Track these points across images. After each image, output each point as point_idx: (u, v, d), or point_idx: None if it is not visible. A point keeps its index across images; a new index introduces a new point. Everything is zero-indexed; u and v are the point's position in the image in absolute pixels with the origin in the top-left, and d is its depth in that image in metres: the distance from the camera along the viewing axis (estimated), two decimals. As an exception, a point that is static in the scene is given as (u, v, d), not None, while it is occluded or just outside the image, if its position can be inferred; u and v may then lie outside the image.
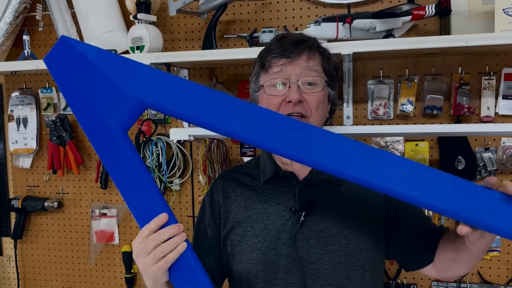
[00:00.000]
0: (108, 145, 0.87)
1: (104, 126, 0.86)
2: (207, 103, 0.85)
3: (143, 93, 0.86)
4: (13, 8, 1.78)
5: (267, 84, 1.07)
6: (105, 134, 0.87)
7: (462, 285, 1.57)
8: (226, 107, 0.84)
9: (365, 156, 0.80)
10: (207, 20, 1.61)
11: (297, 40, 1.05)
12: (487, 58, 1.51)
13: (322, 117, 1.08)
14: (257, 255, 1.04)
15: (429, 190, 0.77)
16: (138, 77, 0.87)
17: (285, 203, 1.07)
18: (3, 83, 2.00)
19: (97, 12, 1.73)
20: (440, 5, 1.35)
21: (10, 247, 2.03)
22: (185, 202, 1.82)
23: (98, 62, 0.87)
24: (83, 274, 1.97)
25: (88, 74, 0.87)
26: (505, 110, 1.51)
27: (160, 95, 0.86)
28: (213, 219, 1.13)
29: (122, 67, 0.88)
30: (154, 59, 1.52)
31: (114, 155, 0.87)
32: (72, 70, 0.88)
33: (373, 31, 1.39)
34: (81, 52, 0.88)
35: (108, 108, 0.86)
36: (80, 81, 0.88)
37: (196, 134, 1.62)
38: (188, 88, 0.86)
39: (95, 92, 0.87)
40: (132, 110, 0.87)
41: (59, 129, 1.86)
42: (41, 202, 1.92)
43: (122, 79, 0.87)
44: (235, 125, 0.83)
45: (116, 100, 0.86)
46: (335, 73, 1.11)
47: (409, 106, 1.55)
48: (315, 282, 1.01)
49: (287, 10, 1.65)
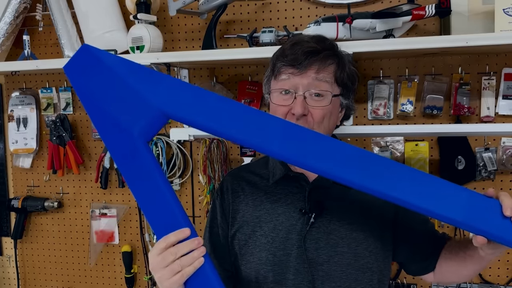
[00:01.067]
0: (128, 155, 0.86)
1: (125, 136, 0.85)
2: (230, 115, 0.84)
3: (166, 104, 0.85)
4: (13, 8, 1.78)
5: (274, 91, 1.06)
6: (126, 144, 0.86)
7: (462, 285, 1.57)
8: (249, 119, 0.84)
9: (380, 167, 0.81)
10: (207, 20, 1.61)
11: (309, 52, 1.01)
12: (487, 58, 1.51)
13: (328, 128, 1.06)
14: (266, 255, 1.04)
15: (445, 202, 0.79)
16: (161, 87, 0.86)
17: (294, 204, 1.06)
18: (3, 83, 2.00)
19: (97, 12, 1.73)
20: (440, 5, 1.34)
21: (10, 247, 2.03)
22: (185, 202, 1.81)
23: (121, 72, 0.87)
24: (83, 274, 1.97)
25: (110, 84, 0.86)
26: (505, 110, 1.51)
27: (184, 106, 0.85)
28: (224, 219, 1.13)
29: (145, 77, 0.87)
30: (154, 59, 1.52)
31: (134, 165, 0.86)
32: (93, 79, 0.87)
33: (373, 31, 1.39)
34: (103, 61, 0.87)
35: (130, 118, 0.85)
36: (101, 90, 0.87)
37: (196, 134, 1.62)
38: (211, 100, 0.85)
39: (117, 102, 0.86)
40: (154, 121, 0.86)
41: (59, 129, 1.86)
42: (41, 202, 1.92)
43: (145, 89, 0.86)
44: (260, 138, 0.83)
45: (139, 110, 0.85)
46: (350, 83, 1.07)
47: (409, 106, 1.55)
48: (324, 283, 1.01)
49: (287, 10, 1.65)
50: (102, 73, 0.87)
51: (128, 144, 0.85)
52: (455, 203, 0.78)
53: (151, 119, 0.86)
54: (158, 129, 0.88)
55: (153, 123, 0.86)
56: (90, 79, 0.87)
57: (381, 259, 1.06)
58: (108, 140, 0.87)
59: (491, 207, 0.78)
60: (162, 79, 0.87)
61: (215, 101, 0.86)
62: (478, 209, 0.78)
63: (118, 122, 0.86)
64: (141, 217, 1.84)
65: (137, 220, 1.86)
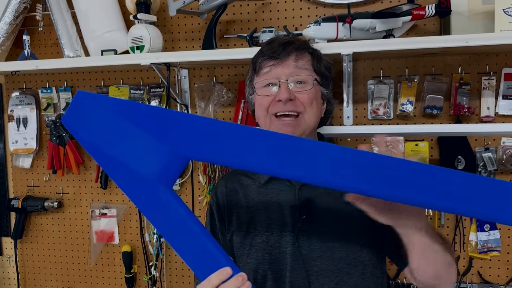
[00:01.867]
0: (154, 204, 0.79)
1: (146, 185, 0.78)
2: (259, 146, 0.76)
3: (183, 146, 0.77)
4: (13, 8, 1.78)
5: (258, 85, 1.10)
6: (149, 193, 0.78)
7: (462, 285, 1.57)
8: (270, 147, 0.75)
9: (362, 162, 0.74)
10: (207, 20, 1.61)
11: (285, 42, 1.08)
12: (487, 58, 1.51)
13: (317, 113, 1.10)
14: (262, 254, 1.06)
15: (438, 191, 0.71)
16: (174, 127, 0.77)
17: (286, 202, 1.08)
18: (3, 83, 2.00)
19: (97, 12, 1.73)
20: (440, 5, 1.34)
21: (10, 247, 2.03)
22: (185, 202, 1.81)
23: (125, 115, 0.78)
24: (83, 274, 1.97)
25: (117, 130, 0.78)
26: (505, 110, 1.51)
27: (202, 145, 0.77)
28: (222, 223, 1.15)
29: (153, 118, 0.78)
30: (154, 59, 1.52)
31: (163, 214, 0.79)
32: (96, 128, 0.79)
33: (373, 31, 1.39)
34: (103, 106, 0.79)
35: (147, 166, 0.77)
36: (109, 138, 0.78)
37: (196, 134, 1.62)
38: (229, 132, 0.77)
39: (128, 149, 0.78)
40: (173, 164, 0.78)
41: (59, 129, 1.86)
42: (41, 202, 1.92)
43: (156, 131, 0.77)
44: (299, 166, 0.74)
45: (154, 155, 0.77)
46: (328, 72, 1.13)
47: (409, 106, 1.55)
48: (318, 278, 1.03)
49: (287, 10, 1.65)
50: (105, 119, 0.78)
51: (151, 193, 0.78)
52: (449, 189, 0.71)
53: (170, 163, 0.78)
54: (179, 171, 0.81)
55: (173, 166, 0.79)
56: (93, 128, 0.79)
57: (373, 252, 1.06)
58: (129, 191, 0.80)
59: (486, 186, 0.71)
60: (173, 116, 0.79)
61: (234, 132, 0.77)
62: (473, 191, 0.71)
63: (134, 171, 0.78)
64: (141, 217, 1.84)
65: (137, 220, 1.86)
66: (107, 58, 1.62)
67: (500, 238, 1.54)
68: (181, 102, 1.73)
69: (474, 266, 1.57)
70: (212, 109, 1.71)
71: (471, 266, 1.57)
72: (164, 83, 1.75)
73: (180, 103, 1.73)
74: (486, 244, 1.54)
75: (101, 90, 1.87)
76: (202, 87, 1.74)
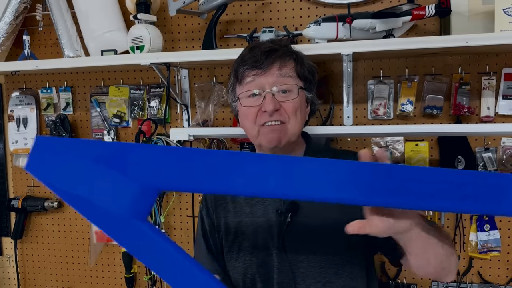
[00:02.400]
0: (132, 239, 0.79)
1: (121, 222, 0.78)
2: (230, 169, 0.75)
3: (150, 178, 0.77)
4: (13, 8, 1.78)
5: (242, 96, 1.09)
6: (126, 229, 0.78)
7: (462, 285, 1.57)
8: (242, 166, 0.74)
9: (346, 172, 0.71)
10: (207, 20, 1.61)
11: (268, 50, 1.06)
12: (487, 58, 1.51)
13: (301, 121, 1.09)
14: (250, 258, 1.07)
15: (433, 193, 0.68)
16: (139, 160, 0.77)
17: (272, 205, 1.08)
18: (3, 83, 2.00)
19: (97, 12, 1.72)
20: (440, 5, 1.34)
21: (10, 247, 2.03)
22: (185, 202, 1.81)
23: (88, 155, 0.77)
24: (83, 274, 1.97)
25: (82, 171, 0.77)
26: (505, 110, 1.51)
27: (173, 175, 0.76)
28: (213, 228, 1.16)
29: (116, 154, 0.78)
30: (154, 59, 1.52)
31: (142, 247, 0.79)
32: (62, 172, 0.78)
33: (373, 31, 1.39)
34: (67, 150, 0.78)
35: (119, 203, 0.77)
36: (75, 180, 0.78)
37: (196, 134, 1.63)
38: (199, 158, 0.76)
39: (96, 189, 0.77)
40: (145, 198, 0.78)
41: (59, 129, 1.86)
42: (41, 202, 1.92)
43: (121, 167, 0.77)
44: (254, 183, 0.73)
45: (125, 192, 0.77)
46: (311, 76, 1.12)
47: (409, 106, 1.55)
48: (305, 280, 1.03)
49: (287, 10, 1.65)
50: (69, 161, 0.77)
51: (127, 229, 0.78)
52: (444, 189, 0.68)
53: (140, 197, 0.78)
54: (151, 203, 0.80)
55: (144, 200, 0.78)
56: (58, 172, 0.78)
57: (361, 252, 1.06)
58: (107, 230, 0.80)
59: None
60: (137, 150, 0.78)
61: (204, 157, 0.76)
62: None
63: (106, 210, 0.78)
64: (141, 217, 1.84)
65: (137, 220, 1.86)
66: (107, 58, 1.62)
67: (500, 238, 1.54)
68: (181, 102, 1.72)
69: (474, 266, 1.57)
70: (212, 109, 1.71)
71: (471, 266, 1.57)
72: (164, 83, 1.75)
73: (180, 103, 1.73)
74: (486, 244, 1.54)
75: (101, 90, 1.87)
76: (202, 87, 1.74)
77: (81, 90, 1.91)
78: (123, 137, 1.87)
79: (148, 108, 1.81)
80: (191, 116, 1.74)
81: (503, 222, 1.55)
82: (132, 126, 1.85)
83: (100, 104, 1.87)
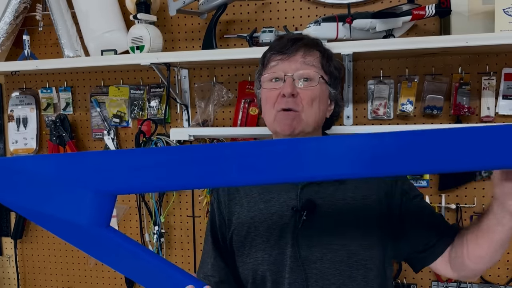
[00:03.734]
0: (99, 246, 0.81)
1: (85, 231, 0.79)
2: (177, 165, 0.75)
3: (104, 184, 0.77)
4: (13, 8, 1.78)
5: (264, 79, 1.09)
6: (90, 238, 0.80)
7: (462, 285, 1.57)
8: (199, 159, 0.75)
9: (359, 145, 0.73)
10: (207, 20, 1.61)
11: (295, 38, 1.08)
12: (487, 58, 1.51)
13: (318, 113, 1.07)
14: (262, 255, 1.05)
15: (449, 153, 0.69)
16: (89, 168, 0.77)
17: (287, 202, 1.06)
18: (3, 83, 2.00)
19: (97, 12, 1.73)
20: (440, 5, 1.35)
21: (10, 247, 2.03)
22: (185, 202, 1.81)
23: (39, 170, 0.78)
24: (83, 274, 1.97)
25: (36, 187, 0.77)
26: (505, 110, 1.51)
27: (124, 177, 0.77)
28: (223, 222, 1.14)
29: (67, 165, 0.78)
30: (154, 59, 1.52)
31: (110, 252, 0.81)
32: (18, 190, 0.78)
33: (373, 31, 1.39)
34: (16, 168, 0.78)
35: (76, 213, 0.77)
36: (32, 197, 0.78)
37: (196, 134, 1.63)
38: (148, 157, 0.77)
39: (55, 202, 0.77)
40: (103, 204, 0.79)
41: (59, 129, 1.86)
42: (41, 202, 1.92)
43: (73, 178, 0.77)
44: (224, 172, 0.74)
45: (79, 201, 0.77)
46: (337, 72, 1.11)
47: (409, 106, 1.55)
48: (318, 281, 1.01)
49: (287, 10, 1.65)
50: (22, 179, 0.77)
51: (92, 237, 0.80)
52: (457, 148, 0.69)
53: (99, 205, 0.78)
54: (111, 208, 0.81)
55: (103, 207, 0.79)
56: (15, 191, 0.78)
57: (376, 255, 1.04)
58: (73, 241, 0.81)
59: None
60: (86, 158, 0.79)
61: (154, 156, 0.77)
62: None
63: (68, 222, 0.78)
64: (141, 217, 1.84)
65: (137, 220, 1.85)
66: (107, 58, 1.62)
67: (500, 238, 1.54)
68: (181, 102, 1.73)
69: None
70: (212, 109, 1.71)
71: (471, 266, 1.57)
72: (164, 83, 1.75)
73: (180, 103, 1.73)
74: (486, 244, 1.54)
75: (101, 90, 1.87)
76: (202, 87, 1.74)
77: (81, 90, 1.91)
78: (123, 137, 1.87)
79: (148, 108, 1.81)
80: (191, 116, 1.74)
81: (503, 222, 1.55)
82: (132, 126, 1.85)
83: (100, 104, 1.87)
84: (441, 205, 1.56)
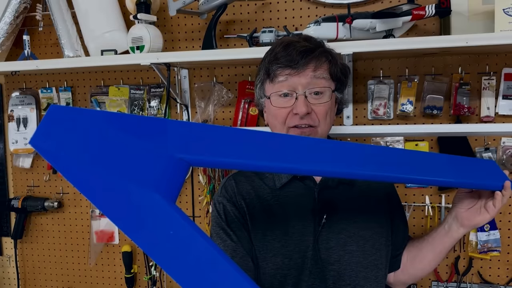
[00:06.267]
0: (158, 229, 0.64)
1: (150, 205, 0.65)
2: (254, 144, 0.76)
3: (182, 150, 0.69)
4: (13, 8, 1.78)
5: (273, 96, 1.05)
6: (156, 214, 0.65)
7: (462, 285, 1.57)
8: (263, 143, 0.77)
9: (366, 154, 0.85)
10: (207, 20, 1.61)
11: (304, 51, 1.02)
12: (487, 58, 1.51)
13: (330, 124, 1.08)
14: (282, 259, 1.03)
15: (436, 171, 0.89)
16: (167, 133, 0.69)
17: (305, 205, 1.05)
18: (3, 83, 2.00)
19: (97, 12, 1.73)
20: (440, 5, 1.34)
21: (10, 247, 2.03)
22: (185, 202, 1.81)
23: (113, 127, 0.67)
24: (83, 274, 1.97)
25: (102, 147, 0.66)
26: (505, 110, 1.51)
27: (202, 147, 0.71)
28: (241, 215, 1.07)
29: (140, 127, 0.69)
30: (154, 59, 1.52)
31: (169, 241, 0.64)
32: (78, 148, 0.65)
33: (373, 31, 1.39)
34: (84, 121, 0.66)
35: (146, 183, 0.65)
36: (94, 159, 0.65)
37: (196, 134, 1.62)
38: (224, 134, 0.75)
39: (119, 168, 0.65)
40: (175, 173, 0.69)
41: (59, 129, 1.86)
42: (41, 202, 1.92)
43: (151, 139, 0.68)
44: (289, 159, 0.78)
45: (152, 168, 0.66)
46: (344, 77, 1.09)
47: (409, 106, 1.55)
48: (335, 283, 1.02)
49: (287, 10, 1.65)
50: (88, 136, 0.66)
51: (153, 211, 0.65)
52: (444, 169, 0.91)
53: (171, 173, 0.68)
54: (182, 181, 0.72)
55: (175, 176, 0.69)
56: (74, 149, 0.65)
57: (384, 255, 1.08)
58: (125, 226, 0.64)
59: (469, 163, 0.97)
60: (163, 122, 0.71)
61: (228, 134, 0.76)
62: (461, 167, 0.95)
63: (130, 193, 0.64)
64: (141, 217, 1.84)
65: (137, 220, 1.86)
66: (107, 58, 1.62)
67: (500, 238, 1.54)
68: (181, 102, 1.73)
69: (474, 266, 1.57)
70: (212, 109, 1.71)
71: (471, 266, 1.57)
72: (164, 83, 1.75)
73: (180, 103, 1.73)
74: (486, 244, 1.54)
75: (101, 90, 1.87)
76: (202, 87, 1.74)
77: (81, 90, 1.91)
78: (123, 137, 1.87)
79: (148, 108, 1.81)
80: (191, 116, 1.74)
81: (503, 222, 1.55)
82: (132, 126, 1.85)
83: (100, 104, 1.87)
84: (441, 205, 1.56)
